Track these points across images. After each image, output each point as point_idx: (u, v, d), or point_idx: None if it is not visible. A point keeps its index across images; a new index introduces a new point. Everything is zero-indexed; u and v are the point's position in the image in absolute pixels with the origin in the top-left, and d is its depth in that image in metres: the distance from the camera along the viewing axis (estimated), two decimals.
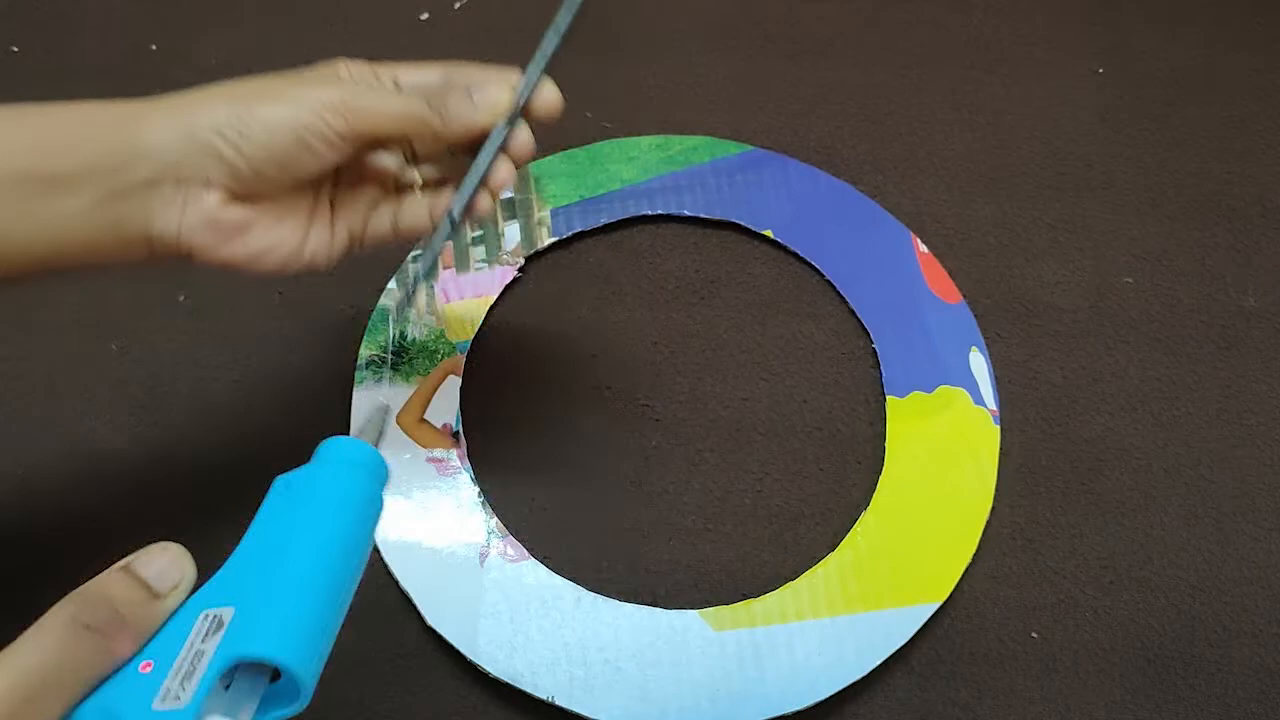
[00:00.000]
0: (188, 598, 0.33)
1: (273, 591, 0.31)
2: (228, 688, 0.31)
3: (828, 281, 0.58)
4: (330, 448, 0.35)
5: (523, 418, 0.54)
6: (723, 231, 0.59)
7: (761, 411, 0.55)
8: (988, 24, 0.66)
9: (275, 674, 0.31)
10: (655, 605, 0.50)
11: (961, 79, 0.64)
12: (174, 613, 0.32)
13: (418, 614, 0.49)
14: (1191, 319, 0.57)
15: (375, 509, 0.35)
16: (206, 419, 0.54)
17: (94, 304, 0.55)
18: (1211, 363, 0.56)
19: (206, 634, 0.31)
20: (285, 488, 0.35)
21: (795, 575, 0.50)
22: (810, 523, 0.52)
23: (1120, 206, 0.60)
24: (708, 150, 0.61)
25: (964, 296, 0.57)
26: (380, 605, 0.50)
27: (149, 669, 0.31)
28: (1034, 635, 0.50)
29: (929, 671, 0.49)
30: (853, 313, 0.57)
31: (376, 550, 0.50)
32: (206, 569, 0.51)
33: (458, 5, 0.67)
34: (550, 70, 0.64)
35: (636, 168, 0.60)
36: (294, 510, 0.34)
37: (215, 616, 0.31)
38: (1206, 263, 0.59)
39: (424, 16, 0.66)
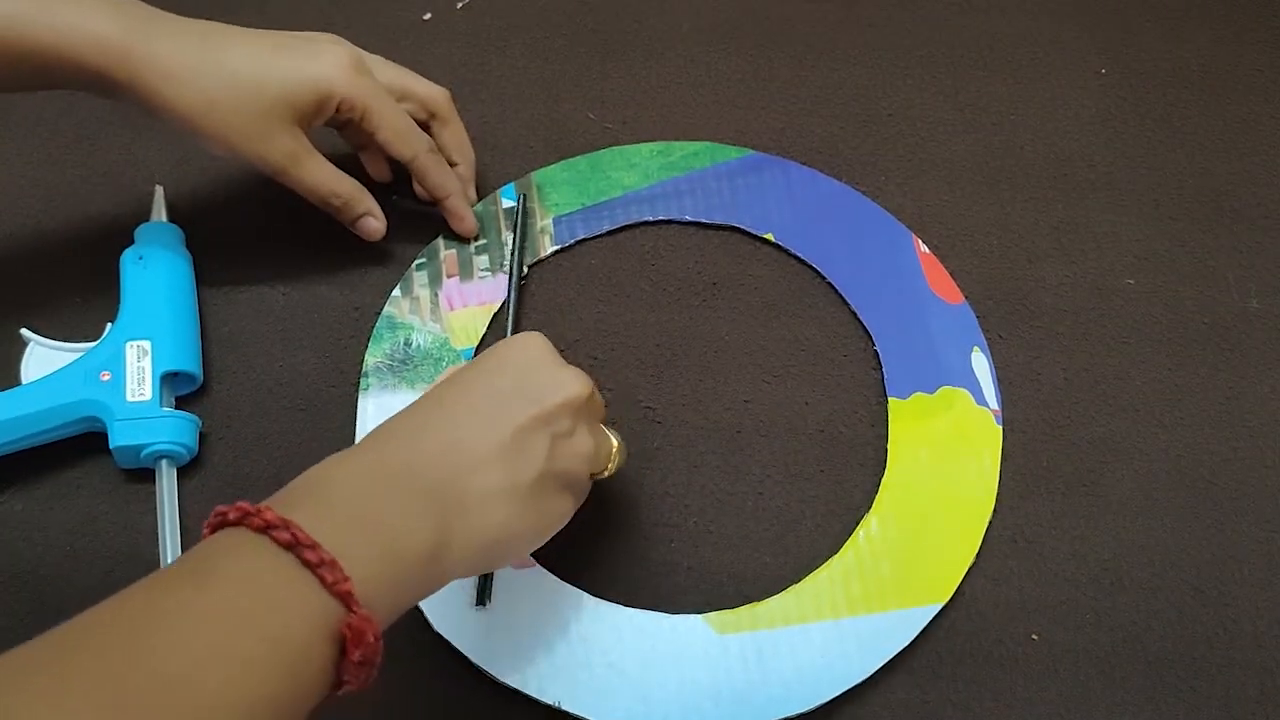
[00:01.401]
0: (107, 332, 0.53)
1: (171, 327, 0.53)
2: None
3: (829, 284, 0.58)
4: (149, 231, 0.56)
5: None
6: (724, 235, 0.59)
7: (763, 413, 0.55)
8: (990, 24, 0.66)
9: (176, 374, 0.53)
10: (658, 609, 0.50)
11: (963, 79, 0.64)
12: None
13: (424, 619, 0.49)
14: (1194, 320, 0.57)
15: (190, 263, 0.57)
16: (210, 420, 0.54)
17: (101, 304, 0.55)
18: (1214, 364, 0.56)
19: (139, 356, 0.52)
20: (136, 259, 0.55)
21: (797, 578, 0.51)
22: (812, 525, 0.52)
23: (1123, 207, 0.60)
24: (708, 155, 0.61)
25: (966, 297, 0.57)
26: None
27: (108, 378, 0.51)
28: (1035, 637, 0.50)
29: (930, 673, 0.49)
30: (854, 314, 0.57)
31: None
32: None
33: (460, 5, 0.67)
34: (547, 68, 0.64)
35: (638, 174, 0.60)
36: (152, 273, 0.55)
37: (138, 345, 0.52)
38: (1209, 264, 0.59)
39: (426, 17, 0.67)
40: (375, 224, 0.56)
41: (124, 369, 0.52)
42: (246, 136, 0.50)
